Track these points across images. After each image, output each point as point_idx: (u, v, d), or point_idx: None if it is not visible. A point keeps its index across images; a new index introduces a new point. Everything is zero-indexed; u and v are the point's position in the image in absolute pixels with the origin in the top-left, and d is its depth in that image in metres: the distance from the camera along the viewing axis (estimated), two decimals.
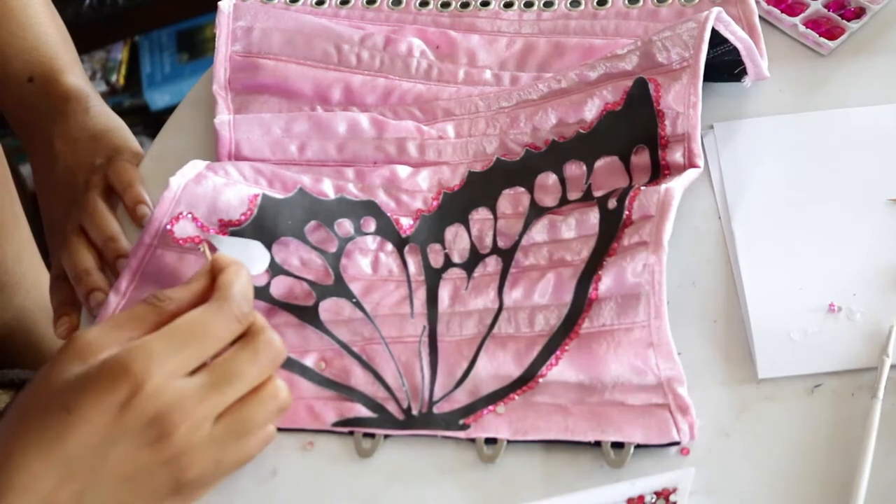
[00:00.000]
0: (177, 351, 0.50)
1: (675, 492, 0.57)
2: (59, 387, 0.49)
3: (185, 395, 0.50)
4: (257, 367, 0.52)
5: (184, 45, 1.81)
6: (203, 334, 0.51)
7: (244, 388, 0.52)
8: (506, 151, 0.73)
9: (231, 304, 0.52)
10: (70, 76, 0.82)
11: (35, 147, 0.82)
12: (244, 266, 0.55)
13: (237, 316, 0.52)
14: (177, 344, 0.50)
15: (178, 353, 0.50)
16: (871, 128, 0.71)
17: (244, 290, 0.53)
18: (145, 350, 0.49)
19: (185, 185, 0.71)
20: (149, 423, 0.49)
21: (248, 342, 0.52)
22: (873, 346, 0.62)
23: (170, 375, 0.49)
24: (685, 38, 0.70)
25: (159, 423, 0.49)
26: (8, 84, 0.83)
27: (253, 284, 0.67)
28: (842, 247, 0.66)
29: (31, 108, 0.82)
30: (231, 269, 0.54)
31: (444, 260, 0.69)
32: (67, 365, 0.50)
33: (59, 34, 0.85)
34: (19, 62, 0.82)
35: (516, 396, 0.62)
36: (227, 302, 0.52)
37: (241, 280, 0.54)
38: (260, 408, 0.53)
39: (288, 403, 0.54)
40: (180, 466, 0.51)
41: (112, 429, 0.49)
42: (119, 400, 0.49)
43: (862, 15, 0.78)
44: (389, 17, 0.83)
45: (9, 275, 1.04)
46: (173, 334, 0.51)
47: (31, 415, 0.50)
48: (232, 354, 0.52)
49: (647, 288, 0.62)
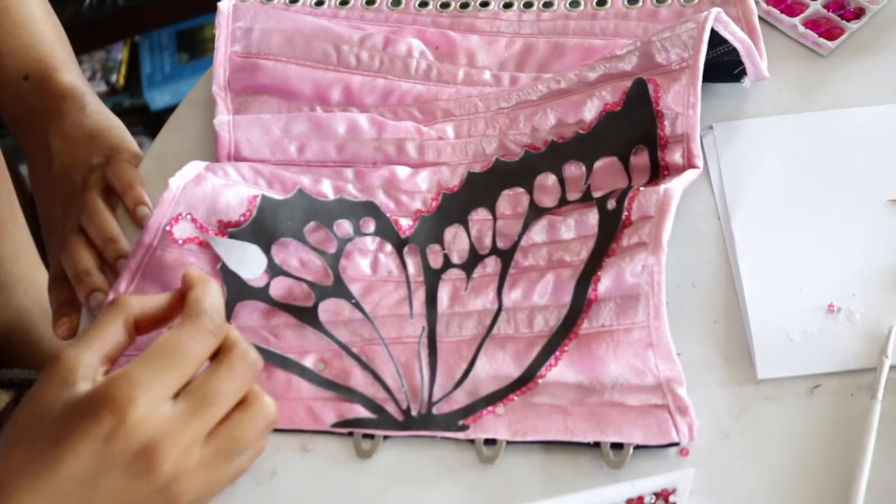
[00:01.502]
0: (158, 375, 0.50)
1: (675, 492, 0.57)
2: (45, 416, 0.50)
3: (169, 423, 0.50)
4: (236, 384, 0.52)
5: (184, 45, 1.81)
6: (181, 354, 0.51)
7: (226, 407, 0.52)
8: (505, 152, 0.73)
9: (204, 320, 0.52)
10: (66, 74, 0.82)
11: (31, 146, 0.82)
12: (213, 281, 0.55)
13: (211, 330, 0.52)
14: (157, 368, 0.50)
15: (160, 378, 0.50)
16: (871, 128, 0.71)
17: (215, 303, 0.53)
18: (128, 379, 0.49)
19: (184, 186, 0.71)
20: (136, 454, 0.49)
21: (223, 359, 0.52)
22: (873, 347, 0.62)
23: (153, 402, 0.49)
24: (684, 39, 0.70)
25: (147, 454, 0.49)
26: (3, 82, 0.83)
27: (252, 286, 0.68)
28: (841, 247, 0.66)
29: (27, 107, 0.82)
30: (200, 286, 0.54)
31: (443, 260, 0.69)
32: (52, 391, 0.50)
33: (55, 33, 0.85)
34: (15, 60, 0.82)
35: (516, 397, 0.62)
36: (200, 318, 0.52)
37: (211, 294, 0.54)
38: (249, 426, 0.53)
39: (276, 419, 0.54)
40: (173, 494, 0.51)
41: (100, 460, 0.49)
42: (105, 431, 0.49)
43: (861, 15, 0.78)
44: (389, 18, 0.83)
45: (7, 274, 1.04)
46: (152, 359, 0.50)
47: (20, 443, 0.50)
48: (209, 374, 0.52)
49: (647, 288, 0.62)
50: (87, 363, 0.51)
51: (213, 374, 0.52)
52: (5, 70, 0.82)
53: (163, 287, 0.68)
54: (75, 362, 0.51)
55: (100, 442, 0.49)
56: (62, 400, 0.50)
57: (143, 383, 0.49)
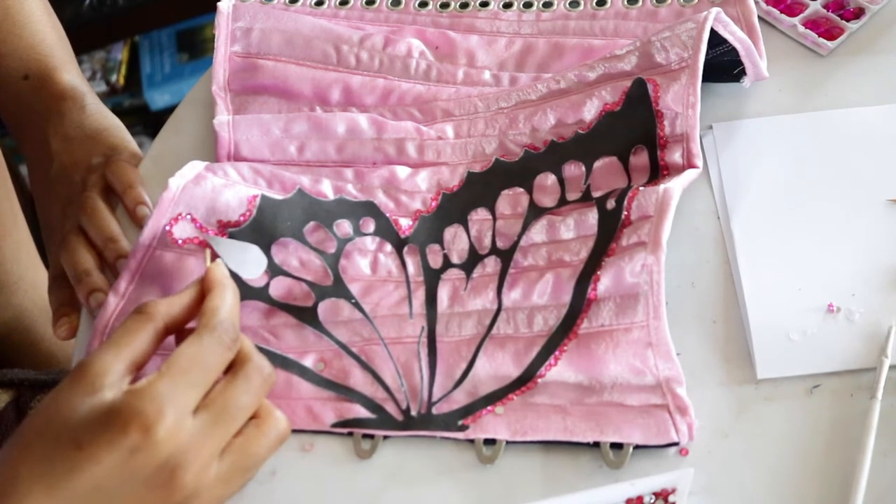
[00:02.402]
0: (183, 390, 0.50)
1: (675, 492, 0.57)
2: (68, 421, 0.49)
3: (193, 437, 0.50)
4: (253, 397, 0.53)
5: (184, 45, 1.81)
6: (202, 368, 0.51)
7: (243, 419, 0.53)
8: (505, 152, 0.73)
9: (220, 334, 0.52)
10: (66, 74, 0.82)
11: (30, 146, 0.82)
12: (230, 287, 0.55)
13: (227, 344, 0.53)
14: (179, 382, 0.50)
15: (185, 393, 0.50)
16: (871, 128, 0.71)
17: (231, 313, 0.54)
18: (155, 393, 0.50)
19: (184, 187, 0.71)
20: (160, 468, 0.50)
21: (239, 371, 0.53)
22: (872, 347, 0.62)
23: (179, 417, 0.50)
24: (684, 39, 0.70)
25: (170, 468, 0.50)
26: (3, 82, 0.83)
27: (251, 286, 0.67)
28: (841, 247, 0.66)
29: (27, 106, 0.82)
30: (216, 292, 0.54)
31: (443, 260, 0.69)
32: (76, 397, 0.50)
33: (55, 33, 0.85)
34: (15, 60, 0.82)
35: (515, 397, 0.62)
36: (217, 331, 0.52)
37: (227, 303, 0.54)
38: (264, 441, 0.53)
39: (287, 434, 0.55)
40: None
41: (122, 471, 0.49)
42: (131, 444, 0.49)
43: (861, 15, 0.78)
44: (389, 18, 0.83)
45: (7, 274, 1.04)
46: (176, 373, 0.51)
47: (38, 444, 0.50)
48: (227, 387, 0.52)
49: (646, 288, 0.62)
50: (113, 371, 0.51)
51: (231, 387, 0.52)
52: (5, 70, 0.82)
53: (162, 287, 0.68)
54: (103, 369, 0.50)
55: (124, 454, 0.49)
56: (87, 406, 0.49)
57: (169, 398, 0.50)
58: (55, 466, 0.49)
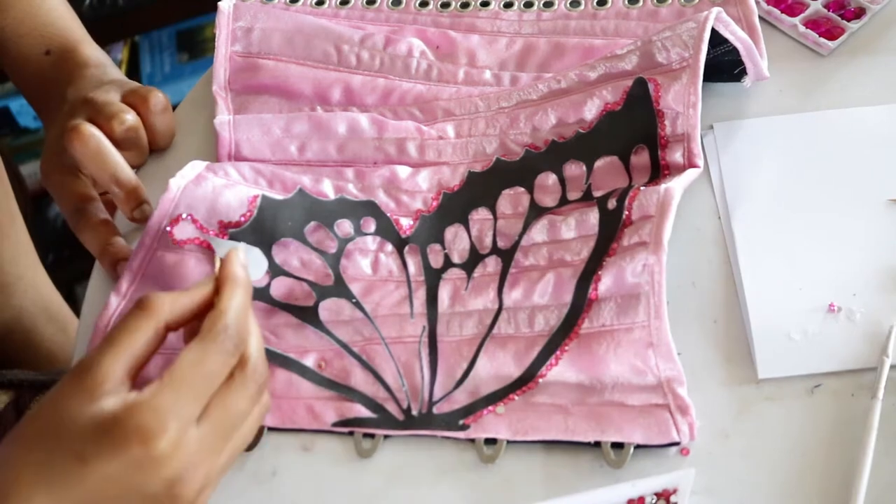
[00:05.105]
0: (183, 402, 0.50)
1: (676, 492, 0.57)
2: (70, 429, 0.49)
3: (197, 451, 0.50)
4: (251, 400, 0.53)
5: (184, 45, 1.81)
6: (205, 377, 0.51)
7: (241, 424, 0.53)
8: (505, 151, 0.73)
9: (224, 339, 0.52)
10: (88, 46, 0.82)
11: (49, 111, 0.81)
12: (241, 284, 0.54)
13: (230, 351, 0.52)
14: (182, 393, 0.50)
15: (187, 405, 0.50)
16: (871, 128, 0.71)
17: (238, 315, 0.53)
18: (157, 407, 0.49)
19: (184, 187, 0.71)
20: (162, 481, 0.49)
21: (239, 374, 0.52)
22: (873, 347, 0.62)
23: (181, 431, 0.49)
24: (685, 38, 0.70)
25: (173, 481, 0.49)
26: (24, 60, 0.82)
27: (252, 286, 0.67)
28: (842, 247, 0.66)
29: (49, 80, 0.81)
30: (227, 291, 0.53)
31: (443, 260, 0.69)
32: (76, 404, 0.49)
33: (70, 13, 0.85)
34: (35, 38, 0.82)
35: (516, 397, 0.62)
36: (221, 337, 0.52)
37: (235, 305, 0.53)
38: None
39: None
40: None
41: (124, 483, 0.49)
42: (134, 460, 0.48)
43: (862, 15, 0.78)
44: (389, 18, 0.83)
45: (6, 275, 1.04)
46: (179, 384, 0.50)
47: (40, 449, 0.49)
48: (227, 395, 0.52)
49: (647, 288, 0.62)
50: (114, 376, 0.50)
51: (231, 393, 0.52)
52: (26, 49, 0.82)
53: (164, 288, 0.68)
54: (102, 375, 0.50)
55: (127, 468, 0.48)
56: (87, 415, 0.49)
57: (171, 410, 0.49)
58: (56, 475, 0.49)
